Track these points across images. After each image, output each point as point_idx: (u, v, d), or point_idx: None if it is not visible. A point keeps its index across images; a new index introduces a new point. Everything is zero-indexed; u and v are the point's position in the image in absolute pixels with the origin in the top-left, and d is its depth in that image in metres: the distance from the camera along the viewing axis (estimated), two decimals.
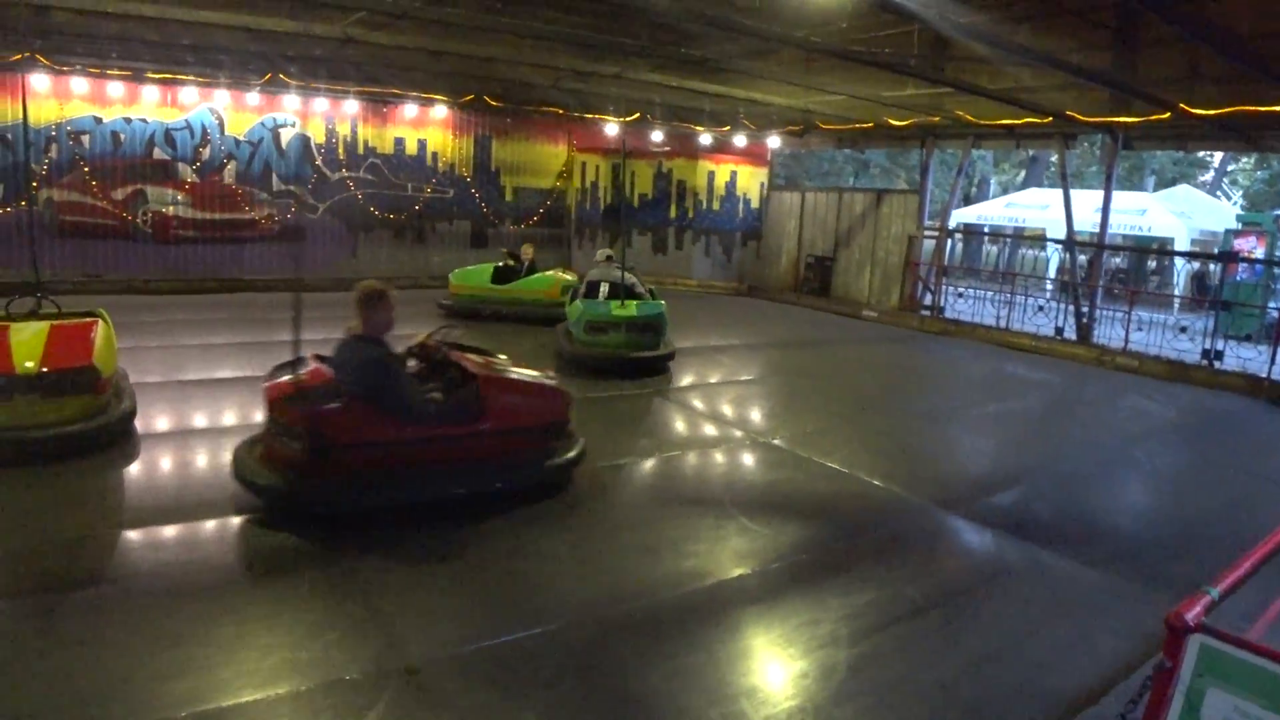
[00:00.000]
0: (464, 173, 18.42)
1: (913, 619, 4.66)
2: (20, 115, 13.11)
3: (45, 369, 6.26)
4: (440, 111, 17.76)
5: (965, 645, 4.43)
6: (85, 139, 14.87)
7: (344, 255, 17.03)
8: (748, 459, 7.56)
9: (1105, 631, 4.67)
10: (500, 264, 14.10)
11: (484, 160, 18.66)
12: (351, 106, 16.74)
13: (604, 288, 11.07)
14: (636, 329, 10.38)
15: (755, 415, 9.23)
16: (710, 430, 8.43)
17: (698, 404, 9.48)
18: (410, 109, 17.44)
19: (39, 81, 13.91)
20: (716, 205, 20.24)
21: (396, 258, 16.96)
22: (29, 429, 6.15)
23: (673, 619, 4.50)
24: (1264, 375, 11.83)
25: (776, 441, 7.93)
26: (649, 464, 7.20)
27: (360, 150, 17.28)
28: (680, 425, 8.73)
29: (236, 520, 5.46)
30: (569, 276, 13.92)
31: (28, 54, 13.36)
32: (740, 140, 18.88)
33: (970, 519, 6.31)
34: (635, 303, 10.73)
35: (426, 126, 17.89)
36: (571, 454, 6.31)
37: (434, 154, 18.07)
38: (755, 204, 20.57)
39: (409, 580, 4.81)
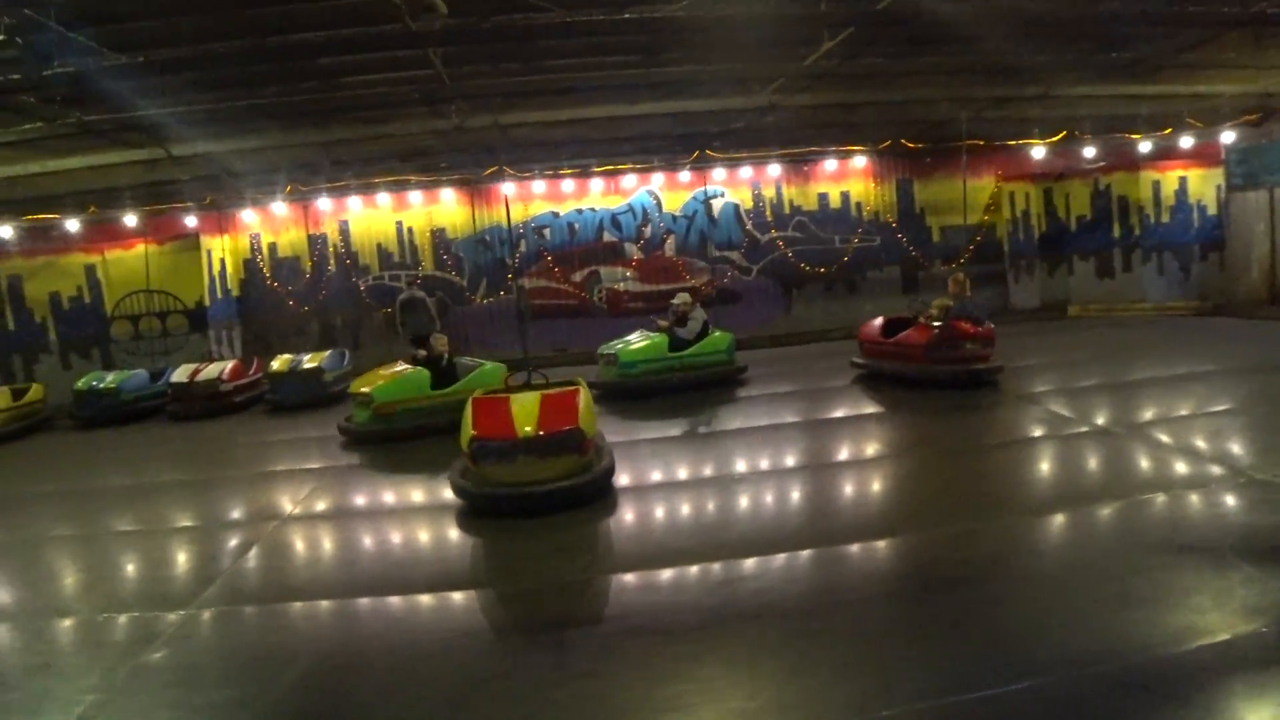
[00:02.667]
0: (888, 218, 18.34)
1: None
2: (494, 220, 15.28)
3: (541, 432, 7.22)
4: (859, 162, 17.95)
5: None
6: (546, 232, 17.37)
7: (779, 313, 17.71)
8: (1239, 500, 6.54)
9: None
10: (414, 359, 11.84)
11: (907, 204, 18.45)
12: (774, 170, 17.57)
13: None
14: None
15: (1240, 450, 7.98)
16: (1183, 468, 7.46)
17: (1165, 439, 8.43)
18: (830, 163, 17.82)
19: (506, 188, 16.33)
20: (1166, 217, 18.17)
21: (829, 310, 17.30)
22: (529, 485, 7.10)
23: (1183, 680, 3.97)
24: None
25: (1276, 479, 6.89)
26: (1120, 506, 6.53)
27: (786, 210, 17.97)
28: (1146, 463, 7.80)
29: (694, 569, 5.77)
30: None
31: (500, 168, 15.72)
32: (1186, 141, 16.89)
33: None
34: None
35: (847, 178, 18.14)
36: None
37: (857, 204, 18.22)
38: (1212, 210, 18.18)
39: (884, 626, 4.80)
